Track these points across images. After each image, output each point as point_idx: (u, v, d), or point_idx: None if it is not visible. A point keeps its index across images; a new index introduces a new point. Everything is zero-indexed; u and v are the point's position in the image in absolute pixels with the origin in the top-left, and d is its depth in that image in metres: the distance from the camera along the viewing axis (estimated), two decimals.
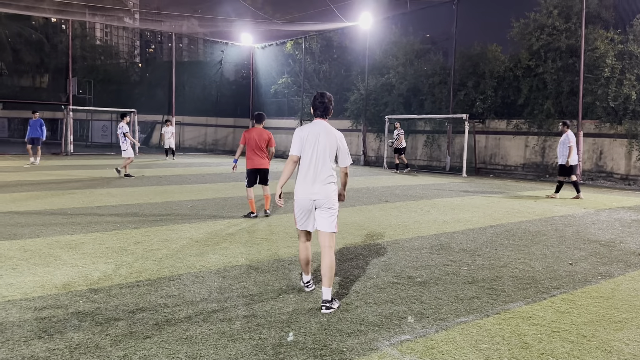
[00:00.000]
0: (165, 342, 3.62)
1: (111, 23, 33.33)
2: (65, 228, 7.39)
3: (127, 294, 4.61)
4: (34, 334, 3.66)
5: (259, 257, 6.08)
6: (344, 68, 26.64)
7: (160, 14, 27.88)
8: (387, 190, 13.22)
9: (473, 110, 19.45)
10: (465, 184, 15.70)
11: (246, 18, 22.99)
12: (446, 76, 20.82)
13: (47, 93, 38.77)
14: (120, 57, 48.54)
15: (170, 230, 7.49)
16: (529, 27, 18.30)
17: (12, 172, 15.30)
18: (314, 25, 23.80)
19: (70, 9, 25.17)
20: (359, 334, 3.87)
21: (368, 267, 5.76)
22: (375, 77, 23.29)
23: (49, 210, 8.88)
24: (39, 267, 5.37)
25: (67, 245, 6.37)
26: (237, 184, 13.64)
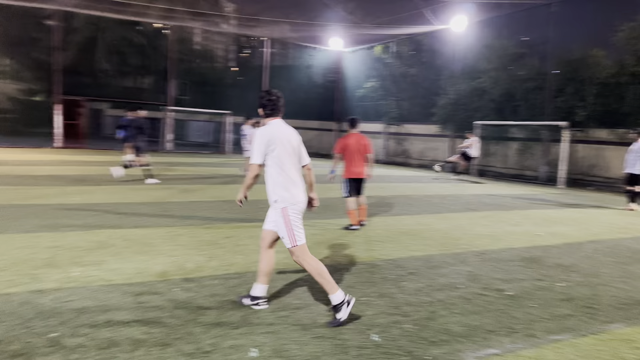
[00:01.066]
0: (252, 334, 3.75)
1: (209, 28, 34.98)
2: (162, 220, 7.88)
3: (217, 285, 4.83)
4: (133, 317, 3.94)
5: (340, 259, 6.11)
6: (432, 72, 26.10)
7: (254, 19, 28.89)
8: (475, 199, 12.76)
9: (571, 117, 18.27)
10: (561, 195, 14.78)
11: (337, 23, 23.22)
12: (542, 82, 19.73)
13: (148, 94, 41.50)
14: (216, 61, 50.97)
15: (257, 227, 7.72)
16: (636, 31, 16.88)
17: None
18: (405, 29, 23.56)
19: (174, 15, 26.84)
20: (443, 343, 3.77)
21: (453, 276, 5.59)
22: (466, 82, 22.59)
23: (147, 202, 9.50)
24: (139, 255, 5.76)
25: (164, 235, 6.78)
26: (325, 185, 13.80)
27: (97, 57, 34.47)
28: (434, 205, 11.18)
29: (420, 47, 27.15)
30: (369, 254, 6.37)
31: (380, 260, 6.11)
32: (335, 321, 4.01)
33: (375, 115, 28.90)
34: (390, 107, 27.51)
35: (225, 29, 35.36)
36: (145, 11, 25.59)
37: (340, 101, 31.81)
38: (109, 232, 6.77)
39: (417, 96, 26.47)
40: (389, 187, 14.59)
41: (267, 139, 4.13)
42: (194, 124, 38.20)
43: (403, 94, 27.36)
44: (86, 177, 12.93)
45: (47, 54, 31.03)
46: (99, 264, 5.30)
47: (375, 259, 6.16)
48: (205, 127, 37.12)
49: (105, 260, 5.46)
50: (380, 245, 6.91)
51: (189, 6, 27.62)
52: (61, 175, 12.81)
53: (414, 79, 26.97)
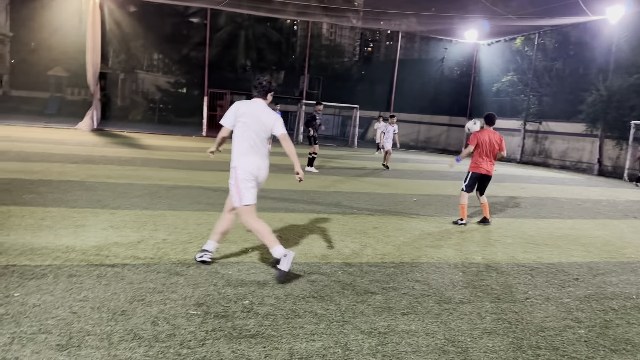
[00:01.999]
0: (421, 321, 3.86)
1: (341, 23, 35.75)
2: (311, 206, 8.31)
3: (376, 272, 5.01)
4: (308, 293, 4.26)
5: (496, 258, 5.98)
6: (581, 66, 24.05)
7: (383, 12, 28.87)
8: (634, 205, 11.63)
9: None
10: None
11: (478, 14, 22.36)
12: None
13: (282, 88, 43.54)
14: (344, 56, 51.96)
15: (401, 220, 7.84)
16: None
17: None
18: (551, 19, 21.97)
19: (308, 11, 27.80)
20: (627, 353, 3.57)
21: (624, 285, 5.21)
22: (621, 77, 20.51)
23: (292, 190, 10.05)
24: (299, 237, 6.16)
25: (316, 222, 7.16)
26: (456, 183, 13.50)
27: (238, 53, 36.87)
28: (587, 210, 10.40)
29: (567, 39, 25.15)
30: (524, 256, 6.15)
31: (538, 263, 5.88)
32: (281, 273, 4.45)
33: (512, 111, 27.43)
34: (529, 103, 25.91)
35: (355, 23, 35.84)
36: (282, 8, 26.81)
37: (474, 96, 30.65)
38: (270, 215, 7.30)
39: (562, 92, 24.59)
40: (530, 187, 13.84)
41: (236, 109, 4.76)
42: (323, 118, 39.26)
43: (545, 89, 25.58)
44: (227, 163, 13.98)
45: (195, 49, 33.98)
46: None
47: (533, 261, 5.94)
48: (333, 120, 38.03)
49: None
50: (536, 248, 6.64)
51: (323, 1, 28.41)
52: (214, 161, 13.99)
53: (559, 73, 25.09)
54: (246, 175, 4.72)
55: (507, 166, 22.12)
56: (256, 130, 4.72)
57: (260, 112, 4.77)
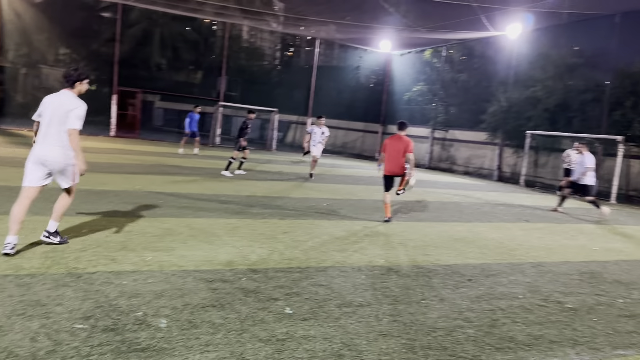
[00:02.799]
0: (321, 326, 3.90)
1: (260, 27, 35.63)
2: (221, 212, 8.16)
3: (282, 278, 5.01)
4: (208, 302, 4.16)
5: (398, 261, 6.20)
6: (484, 78, 25.69)
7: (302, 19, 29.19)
8: (526, 210, 12.57)
9: (629, 132, 17.68)
10: (615, 211, 14.32)
11: (390, 26, 23.19)
12: (600, 94, 19.16)
13: (199, 89, 42.51)
14: (264, 59, 51.73)
15: (312, 224, 7.92)
16: None
17: (171, 157, 17.11)
18: (458, 34, 23.28)
19: (227, 12, 27.43)
20: (509, 350, 3.82)
21: (512, 286, 5.60)
22: (519, 90, 22.15)
23: (205, 194, 9.83)
24: (205, 244, 6.02)
25: (225, 227, 7.04)
26: (369, 187, 13.90)
27: (152, 51, 35.55)
28: (485, 214, 11.09)
29: (472, 52, 26.78)
30: (424, 258, 6.43)
31: (436, 265, 6.16)
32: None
33: (421, 119, 28.69)
34: (437, 112, 27.27)
35: (275, 27, 35.88)
36: (199, 7, 26.26)
37: (387, 104, 31.74)
38: (175, 221, 7.08)
39: (466, 102, 26.12)
40: (436, 192, 14.53)
41: (42, 102, 5.13)
42: (240, 120, 38.87)
43: (452, 99, 27.06)
44: (142, 166, 13.45)
45: (105, 45, 32.29)
46: (169, 250, 5.58)
47: (431, 263, 6.22)
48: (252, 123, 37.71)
49: (174, 247, 5.73)
50: (435, 250, 6.96)
51: (242, 4, 28.19)
52: (121, 163, 13.39)
53: (464, 84, 26.63)
54: (33, 159, 5.00)
55: (415, 171, 23.09)
56: (49, 120, 5.01)
57: (61, 102, 5.06)
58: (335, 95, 33.57)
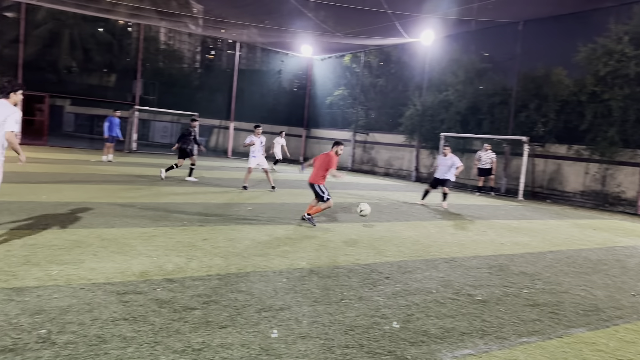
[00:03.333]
0: (239, 333, 3.85)
1: (178, 29, 34.69)
2: (136, 221, 7.84)
3: (200, 286, 4.89)
4: (119, 316, 3.97)
5: (319, 262, 6.26)
6: (401, 83, 26.68)
7: (222, 21, 28.79)
8: (442, 208, 13.15)
9: (533, 133, 19.06)
10: (522, 207, 15.39)
11: (309, 31, 23.43)
12: (507, 97, 20.50)
13: (114, 92, 40.66)
14: (183, 62, 50.42)
15: (233, 230, 7.80)
16: (597, 52, 17.78)
17: (82, 165, 16.21)
18: (375, 39, 23.99)
19: (142, 14, 26.47)
20: (422, 344, 3.97)
21: (427, 281, 5.83)
22: (433, 94, 23.22)
23: (119, 203, 9.40)
24: (117, 255, 5.75)
25: (140, 236, 6.76)
26: (292, 191, 13.94)
27: (61, 53, 33.57)
28: (402, 213, 11.48)
29: (389, 58, 27.70)
30: (344, 259, 6.54)
31: (356, 264, 6.29)
32: None
33: (343, 123, 29.27)
34: (358, 116, 27.94)
35: (194, 30, 35.11)
36: (112, 8, 25.16)
37: (310, 107, 32.06)
38: (85, 232, 6.70)
39: (385, 106, 26.99)
40: (357, 193, 14.84)
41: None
42: (158, 125, 37.66)
43: (371, 103, 27.84)
44: (50, 174, 12.64)
45: (8, 47, 30.05)
46: (78, 263, 5.27)
47: (351, 263, 6.33)
48: (171, 128, 36.64)
49: (83, 259, 5.43)
50: (355, 250, 7.10)
51: (157, 5, 27.30)
52: (26, 172, 12.48)
53: (382, 89, 27.49)
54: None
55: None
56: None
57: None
58: (258, 99, 33.41)
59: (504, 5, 17.51)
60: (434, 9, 18.88)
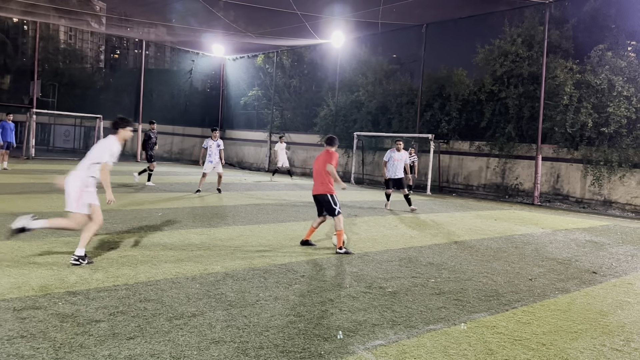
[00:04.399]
0: (148, 343, 3.72)
1: (79, 27, 32.75)
2: (35, 232, 7.28)
3: (105, 297, 4.66)
4: (16, 333, 3.70)
5: (234, 265, 6.19)
6: (314, 84, 27.06)
7: (127, 20, 27.61)
8: (356, 205, 13.50)
9: (438, 130, 20.10)
10: (430, 201, 16.17)
11: (219, 30, 23.07)
12: (413, 97, 21.46)
13: (8, 95, 37.61)
14: (86, 62, 47.71)
15: (142, 237, 7.51)
16: (494, 53, 19.12)
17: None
18: (286, 40, 24.12)
19: (37, 11, 24.68)
20: (335, 339, 4.06)
21: (341, 277, 5.96)
22: (345, 94, 23.77)
23: (15, 212, 8.69)
24: (13, 269, 5.34)
25: (39, 248, 6.32)
26: (204, 194, 13.67)
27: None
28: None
29: (302, 58, 27.98)
30: (260, 260, 6.52)
31: (272, 265, 6.29)
32: None
33: (258, 123, 29.15)
34: (273, 116, 27.93)
35: (97, 28, 33.32)
36: (4, 5, 23.26)
37: (224, 109, 31.56)
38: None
39: (299, 106, 27.22)
40: (274, 194, 14.84)
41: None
42: (59, 129, 35.31)
43: (286, 103, 27.96)
44: None
45: None
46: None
47: (267, 264, 6.33)
48: (74, 131, 34.49)
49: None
50: (271, 252, 7.10)
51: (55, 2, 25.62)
52: None
53: (296, 89, 27.70)
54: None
55: (256, 175, 23.39)
56: None
57: None
58: (168, 100, 32.41)
59: (408, 8, 18.31)
60: (341, 12, 19.33)
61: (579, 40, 17.83)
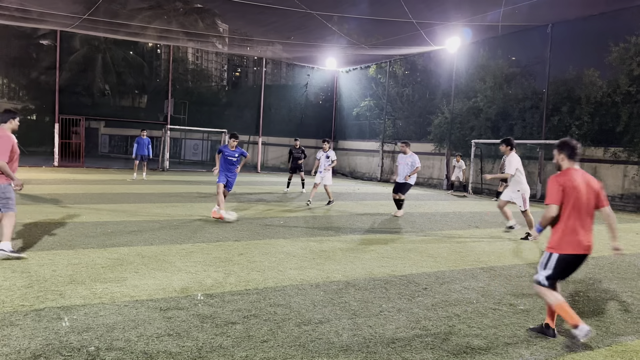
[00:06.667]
0: (280, 346, 3.87)
1: (205, 48, 35.38)
2: (174, 237, 7.98)
3: (239, 301, 4.94)
4: (164, 332, 4.05)
5: (355, 274, 6.24)
6: (428, 91, 26.56)
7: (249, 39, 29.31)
8: (476, 216, 12.96)
9: (567, 136, 18.62)
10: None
11: (334, 44, 23.61)
12: (538, 101, 20.15)
13: (146, 113, 41.67)
14: (211, 81, 51.47)
15: (268, 244, 7.87)
16: (630, 51, 17.35)
17: (118, 185, 16.62)
18: (399, 49, 23.98)
19: (170, 35, 27.18)
20: (466, 356, 3.91)
21: (466, 292, 5.74)
22: (462, 101, 23.00)
23: (156, 220, 9.59)
24: (157, 271, 5.87)
25: (178, 253, 6.89)
26: (315, 204, 13.98)
27: (95, 77, 34.73)
28: (436, 223, 11.35)
29: (414, 67, 27.64)
30: (380, 270, 6.50)
31: (392, 276, 6.25)
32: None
33: (370, 133, 29.26)
34: (385, 126, 27.87)
35: (221, 49, 35.75)
36: (141, 31, 25.91)
37: (337, 120, 32.17)
38: (125, 250, 6.87)
39: (412, 115, 26.86)
40: (388, 204, 14.76)
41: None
42: (189, 142, 38.38)
43: (398, 112, 27.75)
44: (88, 195, 13.01)
45: (45, 73, 31.28)
46: (121, 280, 5.40)
47: (387, 275, 6.30)
48: (202, 145, 37.28)
49: (126, 277, 5.56)
50: (390, 262, 7.06)
51: (185, 27, 28.00)
52: (65, 194, 12.90)
53: (409, 98, 27.39)
54: None
55: (368, 185, 23.43)
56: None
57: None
58: (286, 114, 33.77)
59: (531, 9, 17.30)
60: (459, 17, 18.79)
61: None
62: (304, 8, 17.60)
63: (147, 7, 25.98)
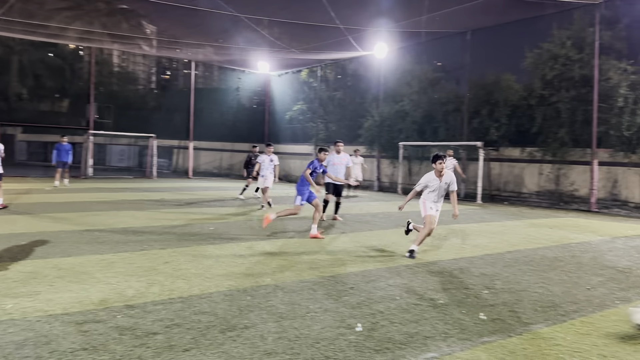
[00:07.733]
0: (203, 355, 3.81)
1: (131, 50, 34.16)
2: (94, 247, 7.64)
3: (161, 310, 4.81)
4: (79, 346, 3.87)
5: (284, 277, 6.26)
6: (358, 95, 27.09)
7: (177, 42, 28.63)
8: (404, 215, 13.35)
9: (487, 137, 19.65)
10: (481, 210, 15.80)
11: (264, 47, 23.56)
12: (460, 104, 21.11)
13: (67, 117, 39.63)
14: (138, 84, 49.79)
15: (195, 251, 7.72)
16: (543, 57, 18.57)
17: (36, 194, 15.70)
18: (330, 54, 24.33)
19: (92, 37, 26.02)
20: (387, 351, 4.02)
21: (390, 289, 5.91)
22: (389, 105, 23.66)
23: (77, 230, 9.15)
24: (75, 284, 5.60)
25: (98, 264, 6.60)
26: (254, 207, 13.89)
27: (10, 80, 32.63)
28: (366, 224, 11.60)
29: (345, 71, 28.12)
30: (309, 272, 6.56)
31: (321, 277, 6.32)
32: None
33: (304, 137, 29.41)
34: (318, 129, 28.14)
35: (148, 51, 34.64)
36: (61, 33, 24.65)
37: (270, 123, 32.10)
38: (40, 262, 6.49)
39: (344, 118, 27.31)
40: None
41: None
42: (115, 148, 36.93)
43: (330, 116, 28.11)
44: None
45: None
46: (34, 295, 5.11)
47: (316, 276, 6.36)
48: (129, 150, 35.98)
49: (40, 290, 5.26)
50: (320, 263, 7.13)
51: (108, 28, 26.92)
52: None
53: (340, 102, 27.82)
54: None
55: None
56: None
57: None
58: (218, 117, 33.28)
59: (451, 16, 18.10)
60: (384, 23, 19.34)
61: (633, 40, 17.05)
62: (231, 11, 17.44)
63: (66, 7, 24.73)
